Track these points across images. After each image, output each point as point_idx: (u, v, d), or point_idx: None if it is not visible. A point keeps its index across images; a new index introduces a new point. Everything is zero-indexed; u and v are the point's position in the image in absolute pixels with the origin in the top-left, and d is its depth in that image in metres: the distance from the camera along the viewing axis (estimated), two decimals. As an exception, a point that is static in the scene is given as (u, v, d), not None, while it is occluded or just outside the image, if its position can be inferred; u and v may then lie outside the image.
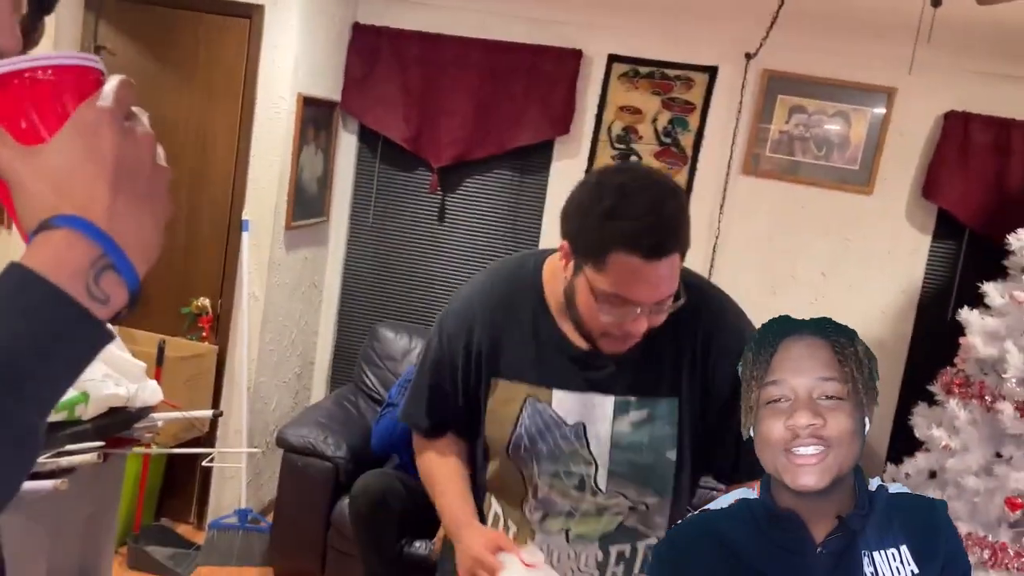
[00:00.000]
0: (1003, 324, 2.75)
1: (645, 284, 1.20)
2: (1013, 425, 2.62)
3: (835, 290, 3.49)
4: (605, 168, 1.33)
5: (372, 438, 2.76)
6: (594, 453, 1.33)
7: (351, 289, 3.78)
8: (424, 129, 3.55)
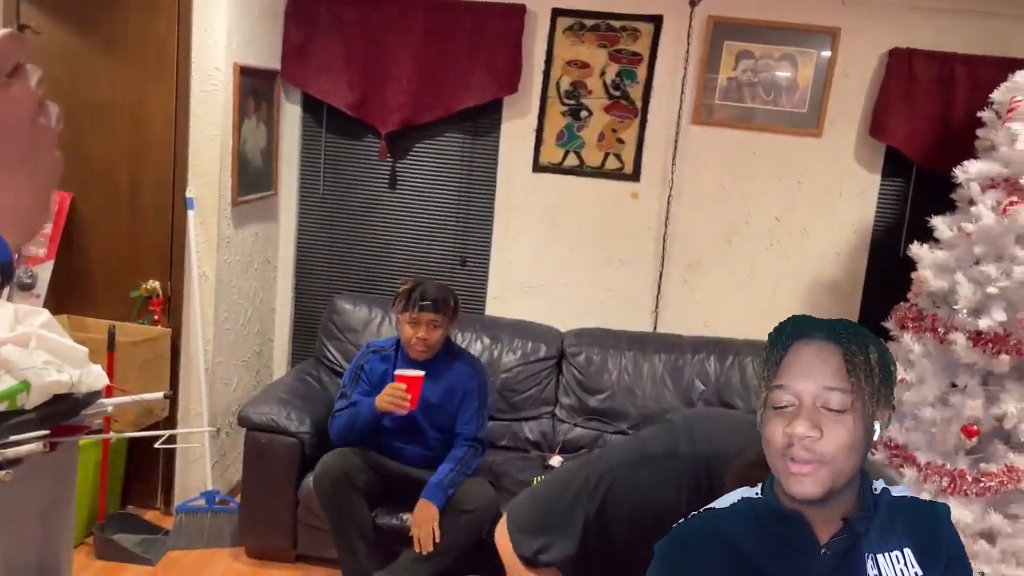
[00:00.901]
0: (952, 256, 2.79)
1: None
2: (966, 355, 2.67)
3: (789, 234, 3.52)
4: None
5: (331, 431, 2.73)
6: None
7: (306, 262, 3.72)
8: (369, 95, 3.47)
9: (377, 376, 2.76)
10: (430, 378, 2.67)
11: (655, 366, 3.40)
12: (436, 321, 2.65)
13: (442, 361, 2.75)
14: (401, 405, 2.55)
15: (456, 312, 2.74)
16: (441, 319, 2.66)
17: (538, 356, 3.43)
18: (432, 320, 2.64)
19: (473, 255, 3.66)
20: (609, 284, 3.62)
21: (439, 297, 2.66)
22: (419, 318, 2.64)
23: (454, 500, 2.63)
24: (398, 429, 2.69)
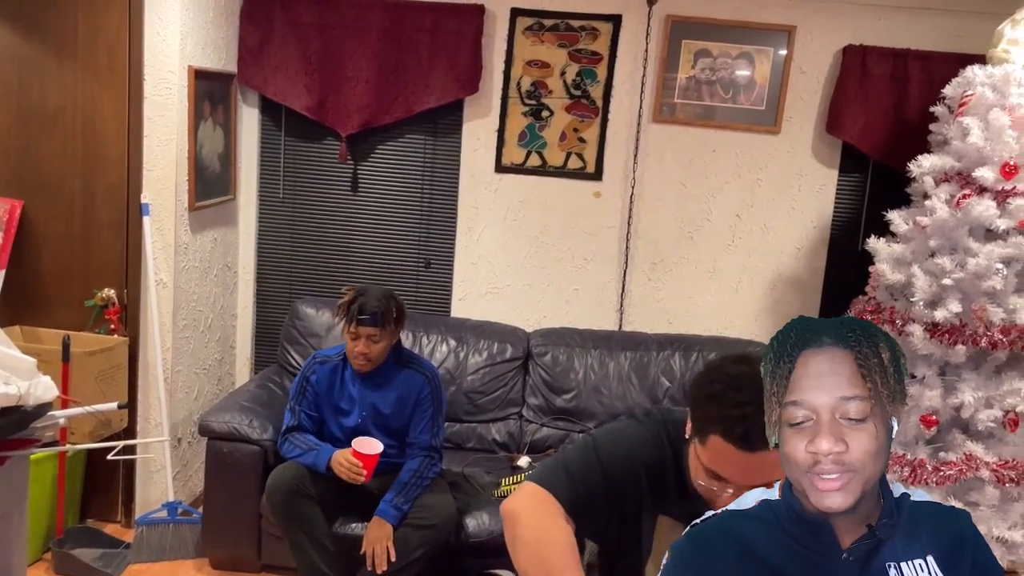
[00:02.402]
0: (908, 250, 2.84)
1: (736, 468, 1.29)
2: (923, 346, 2.72)
3: (750, 231, 3.55)
4: (734, 355, 1.39)
5: (281, 452, 2.69)
6: None
7: (267, 268, 3.67)
8: (328, 97, 3.44)
9: (324, 388, 2.71)
10: (379, 388, 2.66)
11: (621, 364, 3.40)
12: (375, 336, 2.58)
13: (391, 370, 2.70)
14: (356, 479, 2.53)
15: (401, 320, 2.67)
16: (381, 332, 2.59)
17: (504, 357, 3.42)
18: (371, 334, 2.58)
19: (437, 257, 3.64)
20: (574, 283, 3.62)
21: (378, 310, 2.57)
22: (358, 332, 2.58)
23: (411, 515, 2.59)
24: (350, 441, 2.64)
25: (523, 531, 1.40)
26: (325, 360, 2.75)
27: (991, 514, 2.64)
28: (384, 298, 2.61)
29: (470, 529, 2.79)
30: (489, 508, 2.86)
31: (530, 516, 1.41)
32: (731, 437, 1.26)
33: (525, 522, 1.41)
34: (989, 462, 2.62)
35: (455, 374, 3.37)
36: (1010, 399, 2.61)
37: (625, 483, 1.45)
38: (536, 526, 1.40)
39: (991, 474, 2.61)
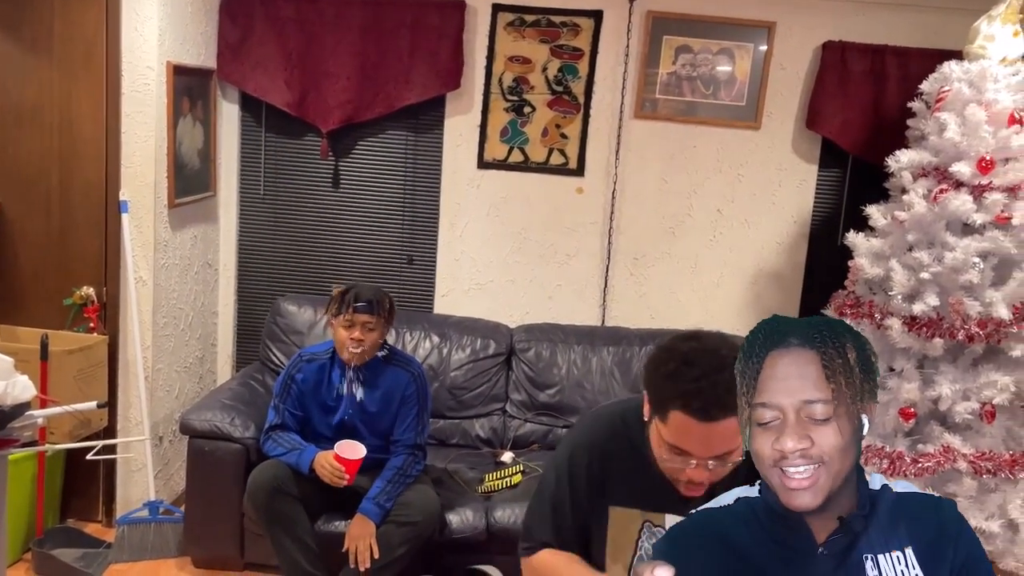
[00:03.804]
0: (887, 244, 2.86)
1: (697, 440, 1.33)
2: (901, 339, 2.75)
3: (731, 226, 3.57)
4: (683, 333, 1.44)
5: (264, 450, 2.68)
6: None
7: (248, 265, 3.65)
8: (308, 93, 3.42)
9: (311, 386, 2.69)
10: (366, 385, 2.65)
11: (603, 359, 3.41)
12: (371, 323, 2.60)
13: (378, 367, 2.70)
14: (339, 483, 2.53)
15: (392, 314, 2.69)
16: (376, 321, 2.61)
17: (487, 353, 3.42)
18: (367, 322, 2.59)
19: (420, 253, 3.63)
20: (557, 279, 3.63)
21: (374, 298, 2.61)
22: (353, 319, 2.58)
23: (395, 512, 2.58)
24: (336, 438, 2.63)
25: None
26: (312, 358, 2.73)
27: (968, 505, 2.67)
28: (378, 290, 2.68)
29: (454, 526, 2.79)
30: (473, 504, 2.87)
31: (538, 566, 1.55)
32: (691, 410, 1.31)
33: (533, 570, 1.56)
34: (966, 454, 2.65)
35: (439, 370, 3.37)
36: (987, 391, 2.64)
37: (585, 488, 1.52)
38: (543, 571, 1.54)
39: (968, 466, 2.64)
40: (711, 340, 1.42)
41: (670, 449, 1.38)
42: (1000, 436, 2.72)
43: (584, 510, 1.50)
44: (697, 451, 1.34)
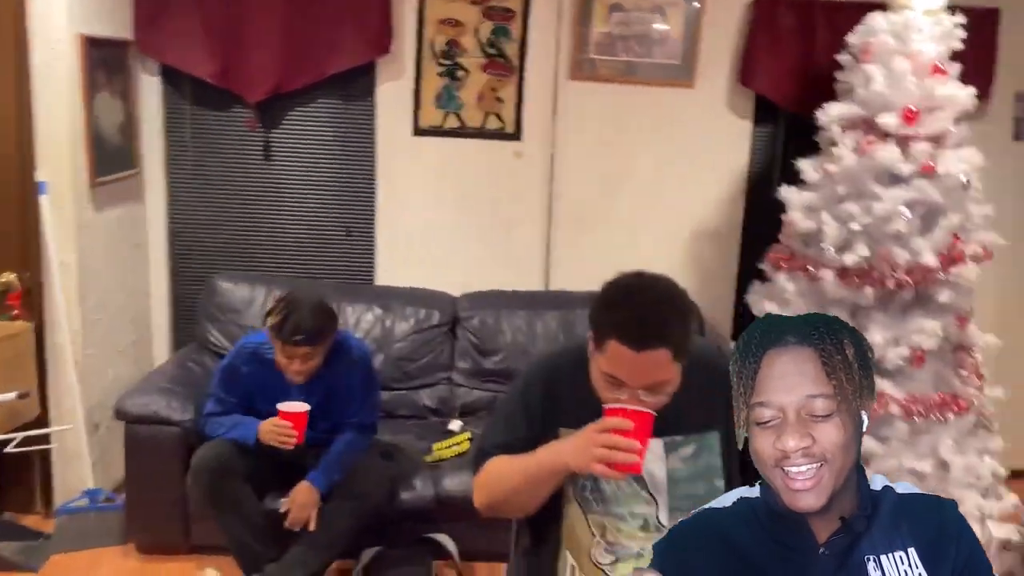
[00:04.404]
0: (819, 197, 2.90)
1: (629, 368, 1.39)
2: (834, 290, 2.80)
3: (670, 186, 3.58)
4: (627, 272, 1.49)
5: (205, 432, 2.61)
6: (653, 493, 1.50)
7: (180, 243, 3.54)
8: (232, 63, 3.30)
9: (258, 383, 2.58)
10: (314, 382, 2.54)
11: (548, 324, 3.42)
12: (311, 353, 2.47)
13: (324, 365, 2.58)
14: (287, 442, 2.45)
15: (334, 329, 2.54)
16: (316, 349, 2.48)
17: (431, 323, 3.39)
18: (307, 353, 2.46)
19: (358, 224, 3.57)
20: (498, 245, 3.61)
21: (314, 329, 2.43)
22: (293, 352, 2.46)
23: (343, 485, 2.55)
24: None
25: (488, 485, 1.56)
26: (256, 351, 2.59)
27: (902, 448, 2.75)
28: (317, 314, 2.46)
29: (403, 496, 2.79)
30: (422, 475, 2.86)
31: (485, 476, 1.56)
32: (624, 338, 1.36)
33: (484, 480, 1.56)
34: (898, 398, 2.73)
35: (382, 342, 3.33)
36: (916, 337, 2.71)
37: (538, 405, 1.57)
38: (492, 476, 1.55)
39: (900, 409, 2.72)
40: (651, 277, 1.48)
41: (606, 378, 1.42)
42: (929, 379, 2.80)
43: (536, 426, 1.53)
44: (630, 380, 1.39)
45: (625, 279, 1.45)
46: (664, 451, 1.50)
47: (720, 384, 1.52)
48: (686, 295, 1.46)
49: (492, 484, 1.55)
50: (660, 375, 1.40)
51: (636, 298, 1.40)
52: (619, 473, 1.37)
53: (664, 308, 1.40)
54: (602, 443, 1.36)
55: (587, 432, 1.40)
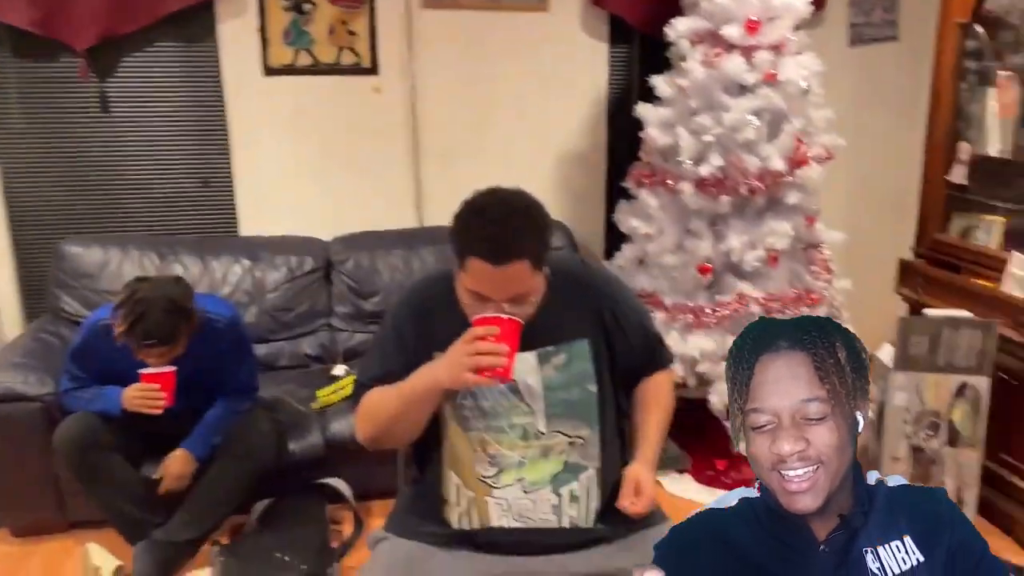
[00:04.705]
0: (673, 112, 2.98)
1: (491, 282, 1.41)
2: (693, 201, 2.91)
3: (533, 112, 3.59)
4: (482, 190, 1.48)
5: (66, 406, 2.46)
6: (530, 403, 1.54)
7: (19, 209, 3.27)
8: (54, 8, 3.02)
9: (117, 360, 2.36)
10: (178, 360, 2.36)
11: (425, 260, 3.40)
12: (167, 351, 2.29)
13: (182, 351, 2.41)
14: (155, 405, 2.31)
15: (190, 324, 2.33)
16: (171, 348, 2.29)
17: (304, 270, 3.31)
18: (162, 353, 2.29)
19: (214, 174, 3.40)
20: (367, 185, 3.53)
21: (167, 333, 2.24)
22: (148, 353, 2.28)
23: (228, 446, 2.48)
24: None
25: (368, 417, 1.57)
26: (110, 328, 2.33)
27: (763, 344, 2.93)
28: (168, 314, 2.24)
29: (293, 447, 2.76)
30: (309, 423, 2.83)
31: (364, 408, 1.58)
32: (482, 254, 1.39)
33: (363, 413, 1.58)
34: (757, 297, 2.90)
35: (254, 294, 3.23)
36: (769, 239, 2.86)
37: (411, 330, 1.58)
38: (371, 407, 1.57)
39: (760, 307, 2.89)
40: (504, 192, 1.48)
41: (472, 296, 1.45)
42: (784, 277, 2.98)
43: (410, 354, 1.54)
44: (494, 294, 1.42)
45: (479, 197, 1.46)
46: (538, 362, 1.54)
47: (585, 295, 1.59)
48: (541, 207, 1.48)
49: (372, 415, 1.56)
50: (522, 287, 1.43)
51: (491, 214, 1.42)
52: (491, 379, 1.39)
53: (519, 221, 1.42)
54: (471, 351, 1.39)
55: (456, 345, 1.42)
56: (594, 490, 1.56)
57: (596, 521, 1.57)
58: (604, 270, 1.79)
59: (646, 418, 1.67)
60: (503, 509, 1.54)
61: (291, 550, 2.43)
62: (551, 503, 1.54)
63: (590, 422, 1.56)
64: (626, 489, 1.54)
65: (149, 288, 2.28)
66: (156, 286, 2.30)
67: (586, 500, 1.56)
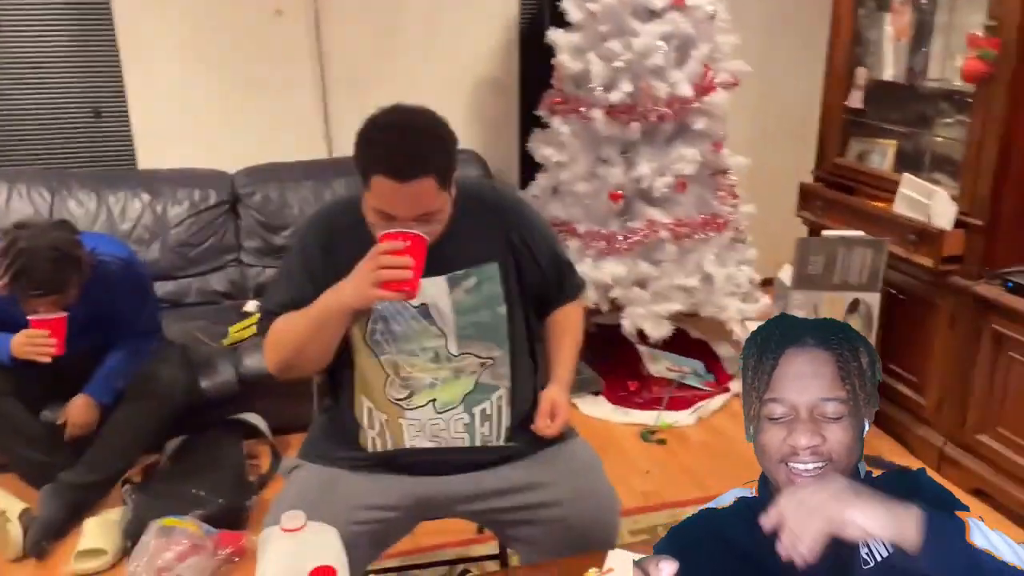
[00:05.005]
0: (584, 38, 2.96)
1: (396, 200, 1.38)
2: (604, 128, 2.93)
3: (442, 39, 3.50)
4: (385, 107, 1.44)
5: None
6: (441, 327, 1.54)
7: None
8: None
9: (9, 310, 2.22)
10: (71, 307, 2.24)
11: (336, 192, 3.32)
12: (58, 300, 2.16)
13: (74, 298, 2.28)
14: (45, 352, 2.18)
15: (79, 269, 2.19)
16: (61, 296, 2.17)
17: (208, 204, 3.20)
18: (54, 300, 2.15)
19: (107, 104, 3.22)
20: (272, 114, 3.41)
21: (54, 281, 2.11)
22: (37, 303, 2.15)
23: (136, 387, 2.41)
24: None
25: (276, 343, 1.54)
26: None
27: (672, 268, 3.02)
28: (54, 261, 2.10)
29: (205, 384, 2.71)
30: (221, 360, 2.78)
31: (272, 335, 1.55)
32: (386, 171, 1.36)
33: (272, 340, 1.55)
34: (666, 223, 2.96)
35: (156, 230, 3.12)
36: (678, 165, 2.92)
37: (318, 256, 1.56)
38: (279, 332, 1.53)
39: (669, 233, 2.96)
40: (408, 109, 1.45)
41: (377, 215, 1.42)
42: (692, 203, 3.05)
43: (318, 280, 1.52)
44: (399, 212, 1.40)
45: (382, 114, 1.42)
46: (448, 286, 1.54)
47: (495, 218, 1.59)
48: (447, 125, 1.45)
49: (280, 341, 1.53)
50: (427, 204, 1.41)
51: (394, 130, 1.39)
52: (396, 294, 1.39)
53: (423, 136, 1.39)
54: (376, 266, 1.38)
55: (361, 263, 1.41)
56: (505, 409, 1.59)
57: (507, 439, 1.61)
58: (514, 194, 1.78)
59: (559, 344, 1.70)
60: (416, 430, 1.56)
61: (206, 485, 2.41)
62: (463, 422, 1.57)
63: (500, 343, 1.58)
64: (542, 410, 1.58)
65: (30, 235, 2.11)
66: (38, 233, 2.14)
67: (497, 419, 1.59)
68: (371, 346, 1.56)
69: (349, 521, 1.46)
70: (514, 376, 1.60)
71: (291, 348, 1.52)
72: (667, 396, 3.10)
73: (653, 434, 2.92)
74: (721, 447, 2.87)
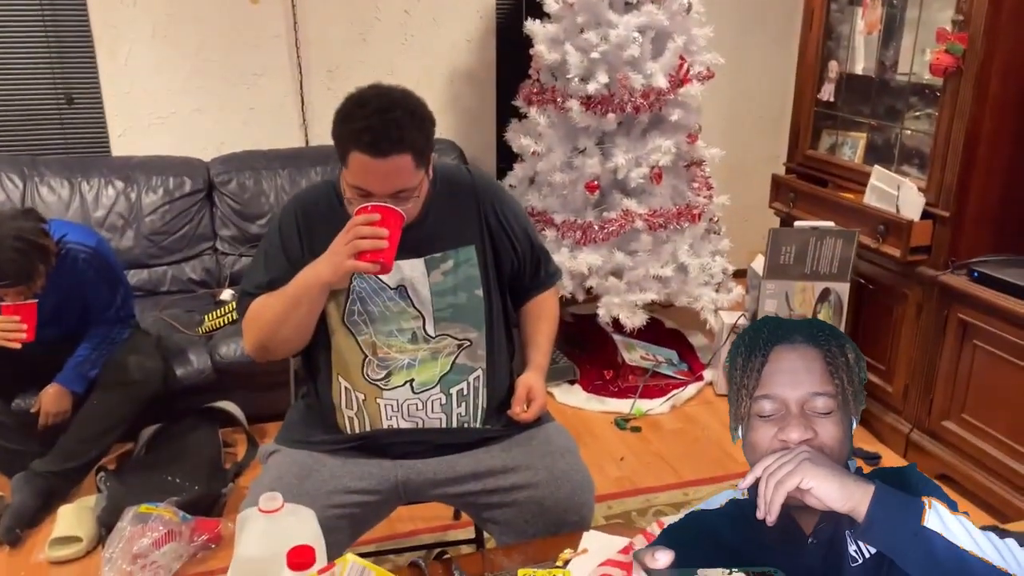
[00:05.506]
0: (561, 28, 2.98)
1: (373, 175, 1.40)
2: (581, 119, 2.95)
3: (421, 26, 3.50)
4: (363, 86, 1.45)
5: None
6: (419, 308, 1.56)
7: None
8: None
9: None
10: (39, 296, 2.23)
11: (313, 180, 3.32)
12: (24, 290, 2.16)
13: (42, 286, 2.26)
14: (15, 339, 2.17)
15: (46, 259, 2.18)
16: (28, 287, 2.16)
17: (184, 192, 3.18)
18: (20, 290, 2.14)
19: (80, 91, 3.18)
20: (248, 102, 3.39)
21: (19, 271, 2.10)
22: (2, 293, 2.14)
23: (109, 375, 2.40)
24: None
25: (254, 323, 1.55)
26: None
27: (647, 258, 3.05)
28: (19, 251, 2.08)
29: (180, 373, 2.70)
30: (195, 348, 2.77)
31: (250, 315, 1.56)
32: (363, 147, 1.38)
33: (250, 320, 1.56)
34: (642, 213, 3.00)
35: (129, 218, 3.09)
36: (654, 156, 2.95)
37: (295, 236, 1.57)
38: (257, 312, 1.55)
39: (644, 223, 2.99)
40: (386, 87, 1.45)
41: (354, 192, 1.44)
42: (667, 194, 3.09)
43: (295, 262, 1.53)
44: (376, 188, 1.42)
45: (361, 91, 1.44)
46: (426, 268, 1.56)
47: (472, 202, 1.60)
48: (424, 104, 1.47)
49: (258, 320, 1.54)
50: (404, 181, 1.42)
51: (372, 107, 1.39)
52: (371, 265, 1.40)
53: (400, 114, 1.40)
54: (352, 237, 1.39)
55: (337, 238, 1.43)
56: (482, 390, 1.61)
57: (483, 421, 1.63)
58: (491, 178, 1.80)
59: (535, 330, 1.73)
60: (393, 410, 1.57)
61: (182, 472, 2.41)
62: (440, 403, 1.59)
63: (477, 325, 1.60)
64: (518, 396, 1.60)
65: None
66: (2, 222, 2.12)
67: (474, 400, 1.61)
68: (349, 326, 1.57)
69: (327, 505, 1.47)
70: (491, 358, 1.62)
71: (269, 328, 1.53)
72: (641, 384, 3.14)
73: (628, 422, 2.96)
74: (694, 435, 2.91)
